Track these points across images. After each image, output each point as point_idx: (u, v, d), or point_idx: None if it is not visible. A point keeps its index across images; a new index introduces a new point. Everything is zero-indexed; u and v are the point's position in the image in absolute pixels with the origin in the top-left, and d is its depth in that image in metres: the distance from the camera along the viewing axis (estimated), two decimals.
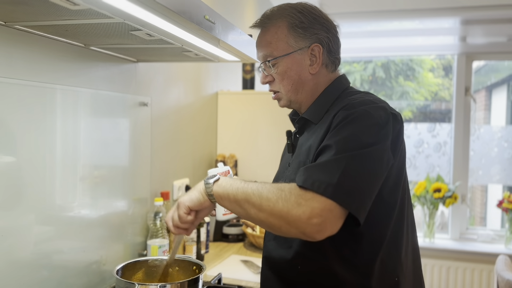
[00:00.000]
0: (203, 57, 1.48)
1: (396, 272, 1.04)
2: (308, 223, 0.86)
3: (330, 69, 1.16)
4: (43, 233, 1.27)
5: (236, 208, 0.98)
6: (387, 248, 1.03)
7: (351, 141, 0.94)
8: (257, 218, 0.94)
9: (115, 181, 1.60)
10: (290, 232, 0.90)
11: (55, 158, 1.30)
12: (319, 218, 0.86)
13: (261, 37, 1.16)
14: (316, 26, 1.11)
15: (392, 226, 1.04)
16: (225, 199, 0.99)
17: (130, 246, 1.69)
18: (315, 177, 0.89)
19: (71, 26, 1.10)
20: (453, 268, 3.10)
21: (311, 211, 0.86)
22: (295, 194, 0.89)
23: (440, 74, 3.81)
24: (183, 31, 1.11)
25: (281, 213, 0.89)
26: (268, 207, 0.91)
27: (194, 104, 2.26)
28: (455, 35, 3.36)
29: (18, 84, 1.16)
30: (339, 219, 0.89)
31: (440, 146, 3.43)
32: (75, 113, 1.38)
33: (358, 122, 0.97)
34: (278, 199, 0.90)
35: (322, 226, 0.87)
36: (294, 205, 0.88)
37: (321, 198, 0.87)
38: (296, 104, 1.18)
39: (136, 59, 1.66)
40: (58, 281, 1.33)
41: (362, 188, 0.91)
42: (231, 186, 0.98)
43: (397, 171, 1.02)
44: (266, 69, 1.16)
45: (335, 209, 0.87)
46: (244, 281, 1.65)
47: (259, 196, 0.93)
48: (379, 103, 1.03)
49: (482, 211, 3.71)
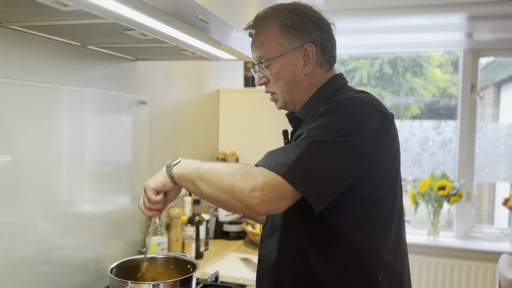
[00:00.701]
0: (200, 55, 1.48)
1: (378, 273, 1.01)
2: (249, 195, 0.87)
3: (325, 68, 1.15)
4: (42, 230, 1.28)
5: (192, 187, 0.99)
6: (370, 248, 1.01)
7: (321, 128, 0.94)
8: (207, 193, 0.95)
9: (114, 179, 1.61)
10: (235, 205, 0.91)
11: (53, 157, 1.31)
12: (260, 192, 0.87)
13: (255, 39, 1.16)
14: (309, 26, 1.10)
15: (377, 225, 1.02)
16: (183, 179, 1.01)
17: (129, 243, 1.70)
18: (274, 159, 0.91)
19: (65, 26, 1.11)
20: (457, 266, 3.08)
21: (254, 185, 0.87)
22: (244, 171, 0.91)
23: (449, 70, 3.77)
24: (176, 31, 1.11)
25: (226, 187, 0.91)
26: (216, 182, 0.93)
27: (195, 102, 2.26)
28: (461, 31, 3.31)
29: (14, 84, 1.17)
30: (284, 198, 0.89)
31: (445, 143, 3.40)
32: (73, 112, 1.39)
33: (336, 113, 0.97)
34: (226, 174, 0.92)
35: (262, 199, 0.87)
36: (239, 179, 0.90)
37: (270, 173, 0.88)
38: (292, 104, 1.18)
39: (134, 58, 1.67)
40: (57, 278, 1.35)
41: (320, 173, 0.89)
42: (188, 167, 1.01)
43: (385, 170, 1.01)
44: (261, 71, 1.16)
45: (281, 187, 0.87)
46: (242, 279, 1.65)
47: (210, 172, 0.95)
48: (367, 101, 1.01)
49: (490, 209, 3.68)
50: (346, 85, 1.17)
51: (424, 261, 3.13)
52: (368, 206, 1.00)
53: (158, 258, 1.27)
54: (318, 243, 1.02)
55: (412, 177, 3.54)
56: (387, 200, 1.02)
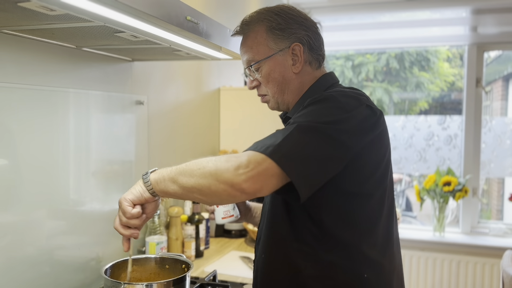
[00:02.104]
0: (194, 56, 1.49)
1: (364, 269, 1.01)
2: (235, 173, 0.86)
3: (314, 66, 1.16)
4: (44, 230, 1.30)
5: (171, 186, 0.95)
6: (356, 244, 1.00)
7: (307, 116, 0.94)
8: (188, 185, 0.92)
9: (113, 178, 1.63)
10: (219, 188, 0.88)
11: (51, 158, 1.32)
12: (246, 168, 0.86)
13: (243, 44, 1.17)
14: (294, 26, 1.11)
15: (364, 221, 1.01)
16: (161, 182, 0.97)
17: None
18: (259, 143, 0.91)
19: (56, 30, 1.12)
20: (463, 262, 3.05)
21: (239, 163, 0.86)
22: (227, 156, 0.90)
23: (457, 63, 3.73)
24: (166, 32, 1.12)
25: (210, 171, 0.89)
26: (198, 171, 0.91)
27: (195, 100, 2.27)
28: (465, 25, 3.27)
29: (9, 87, 1.18)
30: (271, 176, 0.87)
31: (450, 138, 3.37)
32: (70, 114, 1.40)
33: (321, 103, 0.97)
34: (209, 161, 0.91)
35: (249, 175, 0.85)
36: (223, 162, 0.89)
37: (255, 153, 0.87)
38: (284, 105, 1.18)
39: (131, 58, 1.67)
40: (56, 277, 1.37)
41: (306, 156, 0.89)
42: (167, 169, 0.98)
43: (373, 165, 1.00)
44: (251, 74, 1.18)
45: (267, 164, 0.86)
46: (240, 278, 1.66)
47: (191, 165, 0.93)
48: (353, 95, 1.01)
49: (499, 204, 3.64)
50: (336, 83, 1.18)
51: (430, 257, 3.11)
52: (353, 201, 0.99)
53: (152, 258, 1.27)
54: (304, 239, 1.02)
55: (418, 172, 3.51)
56: (375, 196, 1.01)
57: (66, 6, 0.88)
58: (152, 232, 1.73)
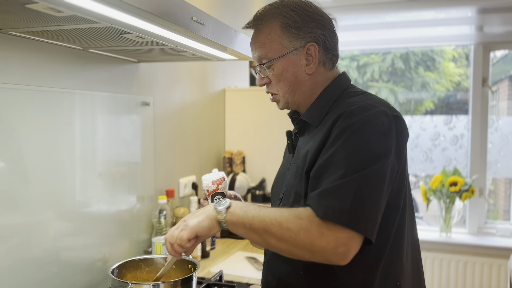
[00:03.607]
0: (200, 56, 1.49)
1: (397, 277, 1.03)
2: (333, 252, 0.88)
3: (328, 67, 1.12)
4: (51, 231, 1.31)
5: (253, 236, 0.95)
6: (389, 254, 1.02)
7: (358, 159, 0.92)
8: (278, 248, 0.94)
9: (119, 179, 1.63)
10: (313, 259, 0.91)
11: (57, 159, 1.33)
12: (345, 247, 0.88)
13: (255, 39, 1.12)
14: (311, 24, 1.07)
15: (394, 231, 1.02)
16: (240, 227, 0.95)
17: (135, 243, 1.72)
18: (327, 204, 0.89)
19: (63, 31, 1.13)
20: (470, 263, 3.03)
21: (335, 241, 0.87)
22: (316, 224, 0.89)
23: (463, 63, 3.71)
24: (172, 33, 1.12)
25: (304, 244, 0.89)
26: (290, 238, 0.90)
27: (201, 101, 2.28)
28: (471, 25, 3.26)
29: (16, 89, 1.19)
30: (360, 243, 0.90)
31: (457, 138, 3.35)
32: (76, 116, 1.41)
33: (360, 133, 0.94)
34: (300, 230, 0.89)
35: (347, 255, 0.88)
36: (317, 236, 0.88)
37: (342, 228, 0.88)
38: (294, 105, 1.15)
39: (137, 60, 1.68)
40: (63, 278, 1.37)
41: (374, 208, 0.91)
42: (246, 214, 0.95)
43: (401, 175, 1.01)
44: (262, 71, 1.13)
45: (356, 236, 0.88)
46: (247, 278, 1.66)
47: (278, 226, 0.91)
48: (380, 107, 0.98)
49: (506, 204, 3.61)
50: (350, 86, 1.14)
51: (437, 258, 3.09)
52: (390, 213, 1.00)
53: (160, 258, 1.28)
54: None
55: (424, 173, 3.50)
56: (401, 203, 1.03)
57: (73, 7, 0.89)
58: (159, 233, 1.73)
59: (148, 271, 1.25)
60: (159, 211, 1.74)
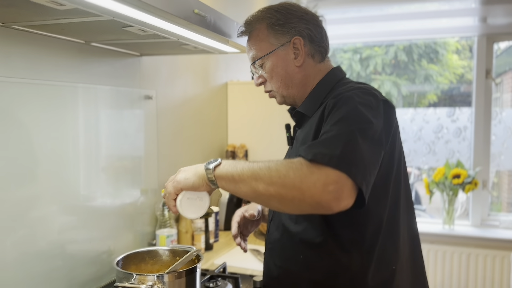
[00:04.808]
0: (202, 49, 1.49)
1: (394, 261, 1.05)
2: (324, 190, 0.83)
3: (317, 59, 1.18)
4: (56, 224, 1.32)
5: (241, 188, 0.93)
6: (384, 240, 1.03)
7: (347, 119, 0.94)
8: (267, 193, 0.89)
9: (123, 172, 1.64)
10: (303, 203, 0.86)
11: (61, 153, 1.34)
12: (336, 184, 0.83)
13: (247, 42, 1.21)
14: (294, 20, 1.14)
15: (387, 216, 1.03)
16: (229, 181, 0.95)
17: (139, 236, 1.74)
18: (317, 150, 0.88)
19: (65, 25, 1.13)
20: (474, 255, 3.04)
21: (326, 178, 0.83)
22: (306, 165, 0.86)
23: (466, 55, 3.70)
24: (174, 26, 1.12)
25: (294, 183, 0.85)
26: (279, 179, 0.87)
27: (203, 95, 2.28)
28: (475, 16, 3.24)
29: (19, 82, 1.20)
30: (352, 191, 0.86)
31: (460, 131, 3.34)
32: (79, 109, 1.42)
33: (349, 103, 0.97)
34: (289, 169, 0.87)
35: (339, 193, 0.83)
36: (307, 174, 0.85)
37: (332, 168, 0.84)
38: (290, 98, 1.21)
39: (139, 53, 1.68)
40: (68, 270, 1.39)
41: (363, 162, 0.88)
42: (235, 167, 0.95)
43: (391, 156, 1.02)
44: (256, 71, 1.21)
45: (347, 179, 0.84)
46: (250, 270, 1.67)
47: (267, 170, 0.89)
48: (369, 90, 1.03)
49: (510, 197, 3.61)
50: (344, 78, 1.20)
51: (440, 250, 3.10)
52: (380, 194, 1.01)
53: (164, 250, 1.29)
54: None
55: (427, 165, 3.49)
56: (392, 186, 1.04)
57: (75, 0, 0.89)
58: (162, 225, 1.75)
59: (153, 263, 1.27)
60: (163, 204, 1.75)
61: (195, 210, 1.05)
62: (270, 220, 1.23)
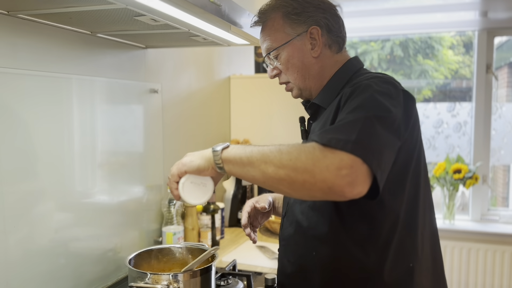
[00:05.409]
0: (211, 41, 1.45)
1: (410, 259, 1.01)
2: (337, 174, 0.78)
3: (335, 49, 1.14)
4: (58, 222, 1.28)
5: (249, 171, 0.88)
6: (401, 234, 0.99)
7: (365, 107, 0.89)
8: (276, 176, 0.84)
9: (128, 168, 1.59)
10: (314, 188, 0.81)
11: (64, 148, 1.29)
12: (350, 169, 0.78)
13: (261, 33, 1.16)
14: (310, 9, 1.09)
15: (404, 209, 0.99)
16: (237, 164, 0.90)
17: (145, 233, 1.69)
18: (331, 135, 0.83)
19: (74, 14, 1.08)
20: (474, 250, 3.04)
21: (339, 161, 0.79)
22: (319, 148, 0.82)
23: (460, 51, 3.69)
24: (188, 15, 1.08)
25: (305, 166, 0.81)
26: (289, 162, 0.82)
27: (206, 89, 2.23)
28: (475, 10, 3.23)
29: (23, 74, 1.15)
30: (367, 177, 0.81)
31: (460, 126, 3.34)
32: (84, 102, 1.37)
33: (367, 91, 0.93)
34: (301, 152, 0.83)
35: (352, 178, 0.79)
36: (319, 157, 0.80)
37: (346, 153, 0.80)
38: (306, 91, 1.16)
39: (144, 45, 1.64)
40: (73, 269, 1.34)
41: (379, 149, 0.84)
42: (244, 150, 0.91)
43: (410, 149, 0.98)
44: (270, 62, 1.16)
45: (362, 165, 0.80)
46: (260, 267, 1.64)
47: (278, 152, 0.85)
48: (389, 79, 0.99)
49: (505, 191, 3.62)
50: (362, 68, 1.15)
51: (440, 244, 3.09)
52: (398, 188, 0.97)
53: (177, 248, 1.25)
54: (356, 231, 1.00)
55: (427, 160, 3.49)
56: (409, 180, 1.00)
57: None
58: (169, 222, 1.70)
59: (165, 261, 1.23)
60: (169, 200, 1.70)
61: (197, 195, 0.99)
62: (284, 216, 1.19)
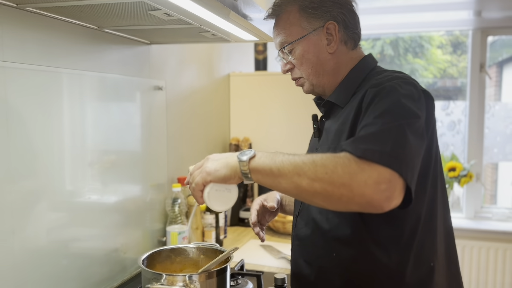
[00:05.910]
0: (220, 37, 1.42)
1: (431, 257, 1.00)
2: (376, 189, 0.77)
3: (350, 46, 1.11)
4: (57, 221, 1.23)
5: (281, 183, 0.86)
6: (422, 235, 0.99)
7: (393, 113, 0.88)
8: (311, 189, 0.82)
9: (132, 167, 1.56)
10: (351, 202, 0.80)
11: (69, 144, 1.25)
12: (388, 183, 0.78)
13: (275, 26, 1.13)
14: (328, 4, 1.07)
15: (424, 211, 0.99)
16: (267, 175, 0.87)
17: (149, 233, 1.66)
18: (365, 146, 0.81)
19: (86, 7, 1.05)
20: (468, 247, 3.07)
21: (378, 176, 0.77)
22: (355, 161, 0.80)
23: (448, 50, 3.72)
24: (204, 10, 1.05)
25: (342, 180, 0.79)
26: (325, 175, 0.80)
27: (207, 87, 2.20)
28: (469, 10, 3.25)
29: (31, 69, 1.11)
30: (402, 190, 0.81)
31: (454, 124, 3.37)
32: (89, 98, 1.33)
33: (391, 95, 0.91)
34: (337, 165, 0.80)
35: (391, 193, 0.78)
36: (357, 170, 0.78)
37: (383, 166, 0.79)
38: (319, 87, 1.14)
39: (149, 41, 1.60)
40: (78, 270, 1.30)
41: (412, 159, 0.84)
42: (273, 160, 0.87)
43: (428, 150, 0.97)
44: (284, 57, 1.13)
45: (399, 178, 0.79)
46: (266, 267, 1.62)
47: (312, 164, 0.82)
48: (409, 79, 0.98)
49: (493, 189, 3.67)
50: (377, 66, 1.14)
51: None
52: (420, 188, 0.95)
53: (190, 248, 1.22)
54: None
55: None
56: (430, 180, 0.99)
57: None
58: (173, 222, 1.67)
59: (179, 261, 1.20)
60: (173, 199, 1.67)
61: (223, 202, 0.97)
62: (297, 215, 1.17)
